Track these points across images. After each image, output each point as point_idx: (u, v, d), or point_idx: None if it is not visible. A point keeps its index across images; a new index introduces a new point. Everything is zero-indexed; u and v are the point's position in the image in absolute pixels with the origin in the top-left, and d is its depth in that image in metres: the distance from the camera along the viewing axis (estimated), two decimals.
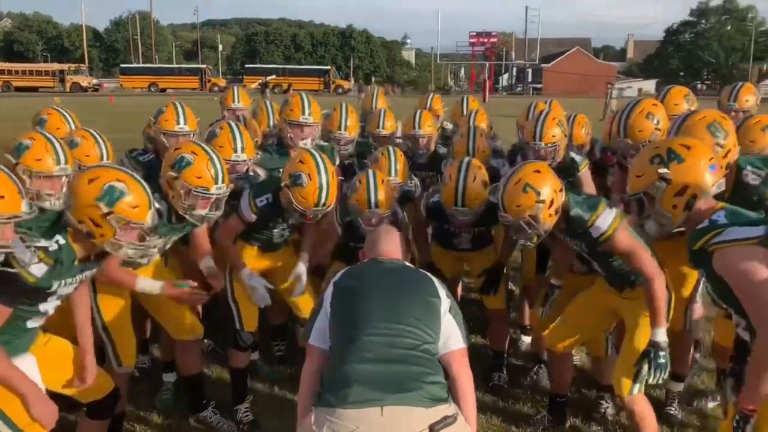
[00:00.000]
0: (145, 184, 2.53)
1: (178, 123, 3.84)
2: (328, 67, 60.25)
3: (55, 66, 53.82)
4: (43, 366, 2.53)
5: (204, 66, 60.53)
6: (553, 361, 3.50)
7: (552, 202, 2.80)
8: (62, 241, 2.38)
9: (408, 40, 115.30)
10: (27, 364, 2.45)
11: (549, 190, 2.79)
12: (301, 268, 3.50)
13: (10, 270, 2.18)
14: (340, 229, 3.71)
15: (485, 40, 63.78)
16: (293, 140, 3.94)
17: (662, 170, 2.31)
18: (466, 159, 3.57)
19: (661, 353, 2.79)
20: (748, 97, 4.31)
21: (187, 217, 2.91)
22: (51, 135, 2.96)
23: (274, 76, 48.85)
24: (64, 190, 2.85)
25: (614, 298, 3.12)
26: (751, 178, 2.89)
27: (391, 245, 2.55)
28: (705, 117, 2.87)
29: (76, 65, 55.83)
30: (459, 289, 4.90)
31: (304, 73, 57.36)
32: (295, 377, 3.83)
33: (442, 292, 2.35)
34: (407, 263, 2.53)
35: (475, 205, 3.42)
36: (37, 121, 4.01)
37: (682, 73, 71.94)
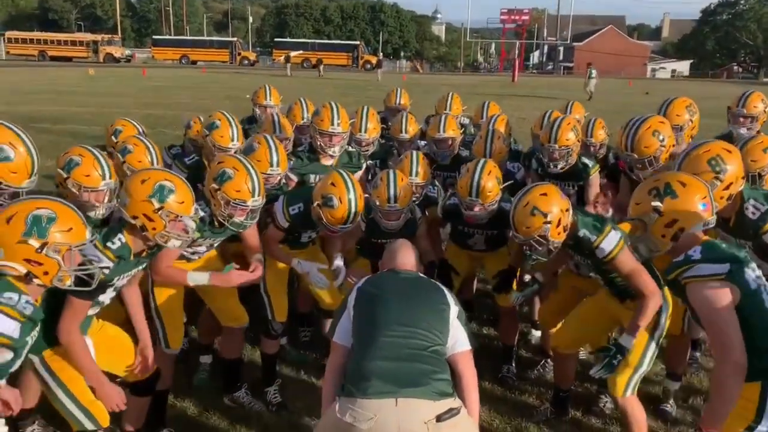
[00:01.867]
0: (187, 183, 2.90)
1: (232, 140, 4.14)
2: (357, 43, 60.10)
3: (89, 36, 54.61)
4: (97, 348, 2.92)
5: (234, 39, 60.86)
6: (557, 360, 3.79)
7: (559, 221, 3.08)
8: (123, 239, 2.77)
9: (438, 15, 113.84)
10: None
11: (556, 211, 3.07)
12: (339, 262, 3.79)
13: (92, 267, 2.50)
14: (363, 226, 4.02)
15: (517, 17, 62.81)
16: (323, 148, 4.24)
17: (655, 203, 2.58)
18: (482, 159, 3.88)
19: (618, 356, 3.10)
20: (757, 104, 4.50)
21: (225, 224, 3.25)
22: (97, 151, 3.26)
23: (300, 51, 48.98)
24: (107, 200, 3.19)
25: (617, 307, 3.39)
26: (751, 211, 3.07)
27: (407, 258, 2.88)
28: (709, 150, 3.04)
29: (110, 36, 56.58)
30: (474, 285, 5.20)
31: (332, 48, 57.36)
32: (320, 362, 4.24)
33: (451, 300, 2.68)
34: (421, 274, 2.84)
35: (488, 198, 3.71)
36: (113, 132, 4.37)
37: (718, 55, 70.33)
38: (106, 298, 2.87)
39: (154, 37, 62.59)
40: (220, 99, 21.70)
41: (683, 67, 70.72)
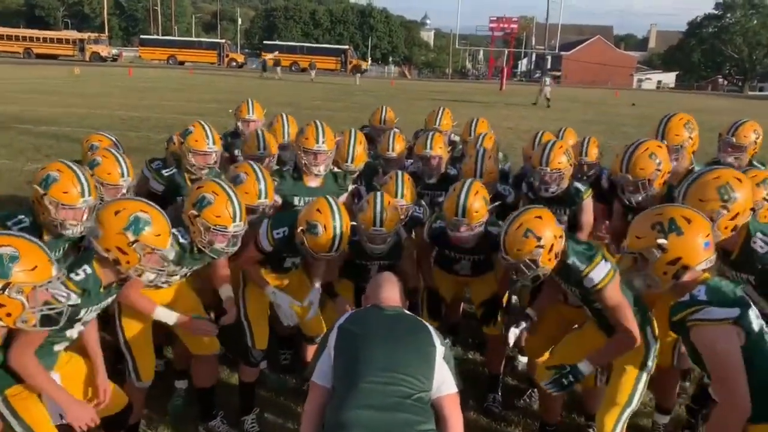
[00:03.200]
0: (164, 214, 2.75)
1: (208, 144, 4.04)
2: (346, 47, 60.15)
3: (76, 35, 54.14)
4: (65, 383, 2.76)
5: (223, 41, 60.68)
6: (543, 393, 3.66)
7: (552, 247, 2.97)
8: (89, 271, 2.61)
9: (427, 21, 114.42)
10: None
11: (549, 235, 2.96)
12: (314, 295, 3.69)
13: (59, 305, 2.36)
14: (347, 248, 3.89)
15: (505, 25, 63.07)
16: (308, 167, 4.11)
17: (661, 240, 2.46)
18: (470, 179, 3.77)
19: (570, 379, 3.05)
20: (748, 134, 4.39)
21: (205, 251, 3.10)
22: (76, 167, 3.13)
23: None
24: (85, 218, 3.04)
25: (604, 342, 3.28)
26: (759, 245, 2.93)
27: (391, 292, 2.75)
28: (719, 177, 2.92)
29: (96, 34, 56.07)
30: (460, 308, 5.08)
31: (321, 52, 57.27)
32: (300, 387, 4.10)
33: (437, 340, 2.55)
34: (406, 311, 2.71)
35: (475, 218, 3.60)
36: (89, 147, 4.30)
37: (703, 67, 71.02)
38: (74, 333, 2.71)
39: (142, 36, 62.20)
40: (206, 102, 21.51)
41: (669, 78, 71.36)
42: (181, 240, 3.07)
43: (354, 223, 3.65)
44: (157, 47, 56.18)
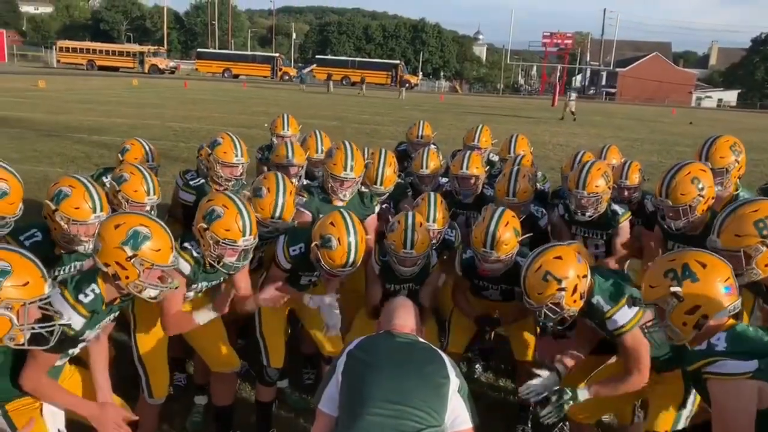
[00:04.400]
0: (167, 228, 2.66)
1: (236, 156, 3.98)
2: (397, 62, 60.36)
3: (136, 48, 56.09)
4: None
5: (276, 55, 61.78)
6: (573, 429, 3.45)
7: (575, 288, 2.78)
8: (97, 291, 2.54)
9: (480, 36, 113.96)
10: None
11: (572, 276, 2.77)
12: (326, 299, 3.48)
13: (51, 324, 2.28)
14: (378, 269, 3.76)
15: (559, 40, 62.29)
16: (334, 191, 4.01)
17: (674, 288, 2.24)
18: (501, 208, 3.59)
19: (566, 403, 2.90)
20: (724, 154, 3.80)
21: (215, 265, 3.02)
22: (89, 183, 3.10)
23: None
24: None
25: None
26: None
27: (406, 319, 2.60)
28: (758, 210, 2.70)
29: (156, 47, 57.99)
30: (492, 333, 4.87)
31: (372, 67, 57.68)
32: None
33: (452, 372, 2.38)
34: (420, 339, 2.55)
35: (504, 250, 3.43)
36: (120, 150, 4.37)
37: (767, 84, 68.48)
38: (77, 350, 2.65)
39: (199, 50, 63.93)
40: (257, 115, 21.85)
41: (731, 96, 69.04)
42: (194, 254, 2.99)
43: (385, 241, 3.54)
44: (213, 60, 57.65)
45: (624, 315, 2.79)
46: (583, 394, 2.90)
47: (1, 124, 16.54)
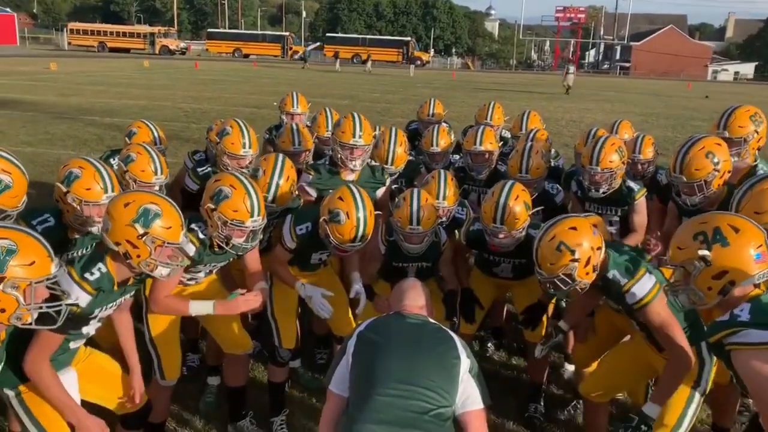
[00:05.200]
0: (176, 206, 2.65)
1: (244, 147, 3.92)
2: (408, 39, 59.69)
3: (146, 29, 55.91)
4: (83, 379, 2.72)
5: (287, 34, 61.38)
6: (588, 408, 3.42)
7: (588, 260, 2.72)
8: (104, 270, 2.53)
9: (492, 11, 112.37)
10: (68, 377, 2.64)
11: (585, 247, 2.71)
12: (359, 286, 3.51)
13: (58, 303, 2.27)
14: (383, 248, 3.74)
15: (572, 14, 61.29)
16: (344, 161, 3.97)
17: (703, 252, 2.17)
18: (510, 182, 3.54)
19: (643, 427, 2.73)
20: (743, 124, 3.70)
21: (224, 246, 3.01)
22: (100, 164, 3.08)
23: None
24: None
25: (654, 356, 3.01)
26: None
27: (416, 299, 2.58)
28: None
29: (166, 28, 57.78)
30: (504, 311, 4.85)
31: (383, 44, 57.13)
32: None
33: (463, 353, 2.36)
34: (430, 319, 2.53)
35: (515, 225, 3.39)
36: (127, 133, 4.34)
37: None
38: (90, 329, 2.65)
39: (209, 30, 63.68)
40: (267, 95, 21.76)
41: (747, 69, 67.79)
42: (201, 235, 2.98)
43: (392, 218, 3.51)
44: (223, 40, 57.40)
45: (642, 287, 2.73)
46: (650, 410, 2.76)
47: (14, 107, 16.62)
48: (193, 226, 2.98)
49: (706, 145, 3.35)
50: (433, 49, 69.23)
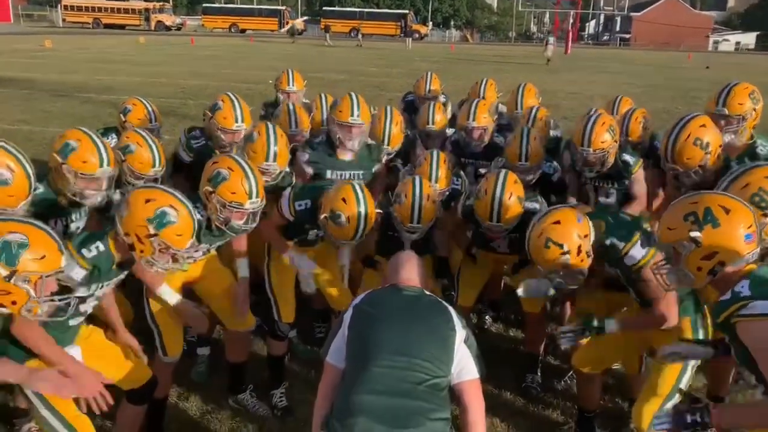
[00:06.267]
0: (194, 214, 2.66)
1: (236, 121, 3.93)
2: (406, 12, 59.02)
3: (141, 4, 55.03)
4: (87, 356, 2.73)
5: (283, 8, 60.60)
6: (581, 380, 3.46)
7: (579, 248, 2.78)
8: (102, 248, 2.56)
9: None
10: (73, 354, 2.65)
11: (573, 240, 2.77)
12: (345, 260, 3.58)
13: (67, 296, 2.29)
14: (379, 218, 3.76)
15: None
16: (341, 141, 3.96)
17: (694, 233, 2.17)
18: (503, 174, 3.51)
19: (591, 329, 2.99)
20: (742, 101, 3.66)
21: (223, 228, 3.02)
22: (96, 136, 3.07)
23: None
24: (104, 187, 2.99)
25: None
26: None
27: (411, 273, 2.60)
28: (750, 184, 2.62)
29: (161, 3, 56.92)
30: (501, 284, 4.89)
31: (381, 17, 56.48)
32: None
33: (458, 324, 2.39)
34: (426, 292, 2.55)
35: (510, 220, 3.43)
36: (122, 110, 4.30)
37: None
38: (88, 307, 2.69)
39: (205, 5, 62.70)
40: (264, 70, 21.60)
41: (749, 39, 67.12)
42: (198, 216, 2.99)
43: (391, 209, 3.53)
44: (219, 15, 56.66)
45: (640, 249, 2.80)
46: (610, 324, 2.93)
47: (10, 85, 16.52)
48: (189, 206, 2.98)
49: (692, 132, 3.30)
50: (431, 22, 68.45)
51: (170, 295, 3.13)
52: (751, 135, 3.66)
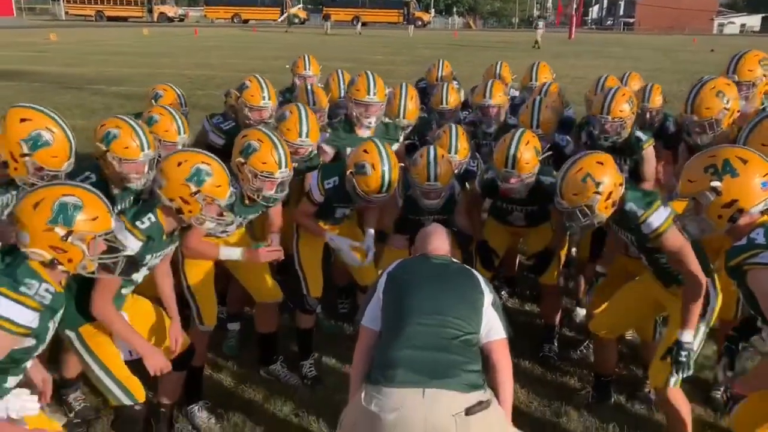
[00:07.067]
0: (224, 166, 2.84)
1: (264, 99, 4.11)
2: None
3: None
4: (132, 322, 2.91)
5: None
6: (597, 345, 3.63)
7: (610, 194, 2.91)
8: (153, 219, 2.75)
9: None
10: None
11: (608, 182, 2.90)
12: (369, 240, 3.74)
13: (116, 255, 2.45)
14: (401, 202, 3.91)
15: None
16: (359, 119, 4.12)
17: (715, 183, 2.33)
18: (521, 129, 3.69)
19: (683, 353, 2.88)
20: (752, 67, 3.87)
21: (255, 198, 3.21)
22: (135, 122, 3.22)
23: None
24: (146, 170, 3.17)
25: (660, 292, 3.19)
26: None
27: (439, 242, 2.76)
28: None
29: None
30: (517, 260, 5.04)
31: (383, 5, 56.14)
32: (355, 335, 4.18)
33: (485, 288, 2.56)
34: (454, 259, 2.72)
35: (524, 169, 3.52)
36: (153, 96, 4.43)
37: None
38: (139, 276, 2.86)
39: None
40: (269, 59, 21.72)
41: (754, 21, 66.67)
42: (232, 188, 3.16)
43: (408, 174, 3.67)
44: (221, 6, 56.46)
45: (658, 217, 2.92)
46: (684, 335, 2.89)
47: (19, 78, 16.68)
48: None
49: (717, 85, 3.51)
50: (433, 9, 68.13)
51: (233, 251, 3.33)
52: (761, 101, 3.80)
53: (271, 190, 3.20)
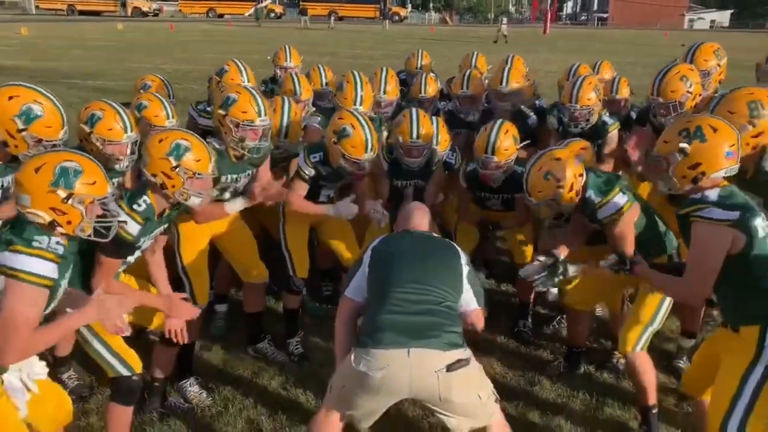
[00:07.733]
0: (204, 142, 2.99)
1: (243, 82, 4.23)
2: None
3: None
4: None
5: None
6: (571, 317, 3.86)
7: (572, 186, 3.15)
8: (148, 201, 2.88)
9: None
10: None
11: (569, 176, 3.14)
12: (372, 203, 3.86)
13: (110, 220, 2.52)
14: (386, 165, 4.15)
15: None
16: None
17: (683, 144, 2.57)
18: (500, 120, 3.97)
19: (560, 271, 3.19)
20: (707, 57, 4.12)
21: (239, 150, 3.39)
22: (118, 105, 3.34)
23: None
24: (129, 152, 3.30)
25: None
26: None
27: (421, 219, 2.98)
28: (753, 93, 3.03)
29: None
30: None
31: (360, 0, 56.21)
32: None
33: (463, 260, 2.77)
34: (434, 234, 2.92)
35: (503, 155, 3.82)
36: (141, 86, 4.52)
37: (760, 4, 67.41)
38: (133, 258, 3.00)
39: None
40: (247, 53, 21.64)
41: (723, 17, 68.05)
42: (217, 146, 3.30)
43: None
44: (196, 1, 56.02)
45: (617, 203, 3.16)
46: (573, 268, 3.22)
47: None
48: (208, 139, 3.31)
49: (681, 70, 3.78)
50: (410, 4, 68.32)
51: (237, 202, 3.51)
52: (716, 89, 4.06)
53: (254, 140, 3.38)
